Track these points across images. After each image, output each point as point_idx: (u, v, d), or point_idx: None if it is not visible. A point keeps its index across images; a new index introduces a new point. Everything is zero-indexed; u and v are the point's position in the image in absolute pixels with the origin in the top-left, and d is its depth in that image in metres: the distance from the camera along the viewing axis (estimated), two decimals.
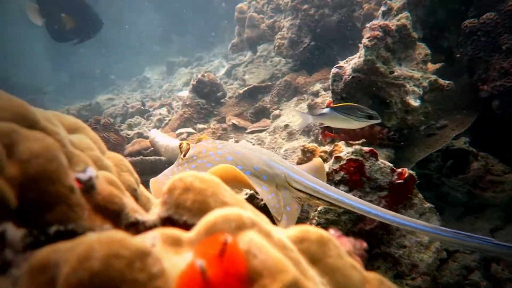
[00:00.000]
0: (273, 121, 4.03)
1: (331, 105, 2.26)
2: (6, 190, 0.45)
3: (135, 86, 11.74)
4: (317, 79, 4.11)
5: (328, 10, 4.01)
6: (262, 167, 1.59)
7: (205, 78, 4.34)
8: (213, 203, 0.55)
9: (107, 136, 3.72)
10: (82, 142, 0.76)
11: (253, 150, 1.71)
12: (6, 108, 0.62)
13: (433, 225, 1.28)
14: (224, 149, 1.67)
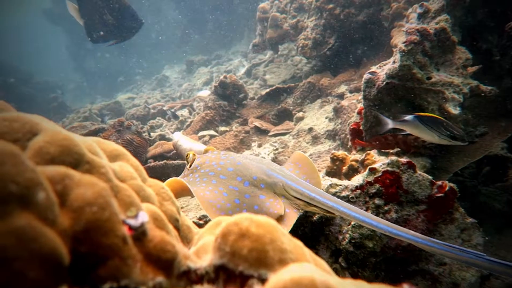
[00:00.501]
0: (296, 123, 3.96)
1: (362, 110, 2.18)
2: (59, 246, 0.41)
3: (155, 85, 11.86)
4: (342, 81, 4.01)
5: (354, 10, 3.89)
6: (260, 176, 1.65)
7: (227, 80, 4.31)
8: (272, 251, 0.51)
9: (130, 138, 3.74)
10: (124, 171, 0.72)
11: (253, 160, 1.77)
12: (53, 142, 0.59)
13: (425, 236, 1.24)
14: (226, 160, 1.74)
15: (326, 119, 3.57)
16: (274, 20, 4.71)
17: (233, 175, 1.64)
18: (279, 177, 1.65)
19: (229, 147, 3.79)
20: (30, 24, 35.11)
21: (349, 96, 3.74)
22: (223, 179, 1.64)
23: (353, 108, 3.15)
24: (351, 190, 1.69)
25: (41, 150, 0.57)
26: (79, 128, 4.38)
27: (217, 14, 15.53)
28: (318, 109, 3.97)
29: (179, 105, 5.39)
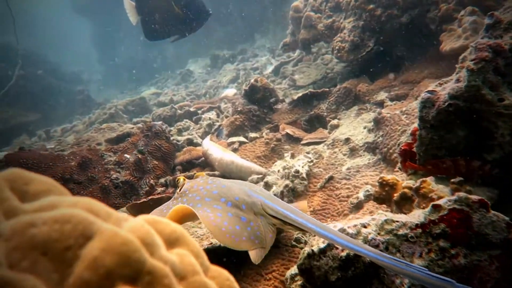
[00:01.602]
0: (330, 131, 3.77)
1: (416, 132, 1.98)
2: None
3: (179, 80, 11.85)
4: (381, 87, 3.78)
5: (397, 11, 3.64)
6: (242, 197, 1.76)
7: (258, 83, 4.16)
8: None
9: (158, 144, 3.66)
10: (185, 263, 0.59)
11: (237, 183, 1.89)
12: (109, 250, 0.47)
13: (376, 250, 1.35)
14: (212, 184, 1.85)
15: (365, 129, 3.36)
16: (308, 20, 4.50)
17: (217, 197, 1.76)
18: (259, 197, 1.78)
19: (259, 155, 3.65)
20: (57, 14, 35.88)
21: (389, 104, 3.52)
22: (208, 201, 1.76)
23: (396, 120, 2.94)
24: (410, 228, 1.52)
25: (96, 261, 0.46)
26: (107, 129, 4.35)
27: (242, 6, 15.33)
28: (355, 117, 3.76)
29: (206, 106, 5.29)
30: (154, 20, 3.99)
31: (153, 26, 4.07)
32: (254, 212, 1.72)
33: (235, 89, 7.19)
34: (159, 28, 4.03)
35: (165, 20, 3.95)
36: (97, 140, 3.85)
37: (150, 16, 3.95)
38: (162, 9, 3.86)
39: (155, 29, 4.09)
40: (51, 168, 3.11)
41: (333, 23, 4.34)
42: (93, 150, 3.47)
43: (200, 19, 3.95)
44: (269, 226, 1.75)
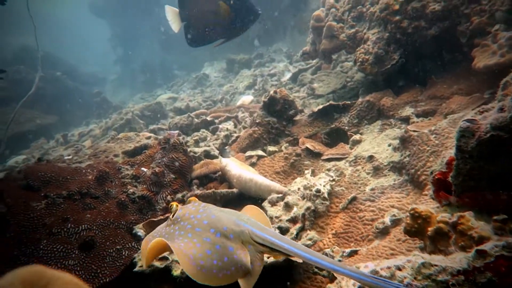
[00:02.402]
0: (352, 147, 3.65)
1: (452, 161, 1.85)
2: None
3: (195, 84, 11.86)
4: (406, 101, 3.64)
5: (425, 23, 3.50)
6: (230, 227, 1.82)
7: (277, 95, 4.07)
8: None
9: (175, 157, 3.61)
10: None
11: (226, 212, 1.95)
12: None
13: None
14: (203, 214, 1.92)
15: (390, 147, 3.23)
16: (329, 30, 4.38)
17: (207, 227, 1.83)
18: (246, 225, 1.83)
19: (278, 170, 3.56)
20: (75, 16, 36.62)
21: (415, 120, 3.38)
22: (198, 231, 1.82)
23: (424, 140, 2.80)
24: (452, 274, 1.41)
25: None
26: (124, 139, 4.33)
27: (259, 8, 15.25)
28: (378, 132, 3.63)
29: (223, 116, 5.22)
30: (200, 26, 3.81)
31: (198, 32, 3.88)
32: (242, 241, 1.79)
33: (251, 96, 7.12)
34: (205, 33, 3.84)
35: (212, 25, 3.75)
36: (114, 151, 3.83)
37: (196, 22, 3.78)
38: (210, 13, 3.68)
39: (200, 34, 3.90)
40: (68, 182, 3.09)
41: (356, 33, 4.21)
42: (110, 163, 3.44)
43: (248, 21, 3.69)
44: (257, 254, 1.81)
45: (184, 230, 1.83)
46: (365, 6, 4.29)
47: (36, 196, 2.91)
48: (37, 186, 2.98)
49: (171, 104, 9.31)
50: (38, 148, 7.58)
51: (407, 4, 3.61)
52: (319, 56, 4.88)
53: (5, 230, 2.52)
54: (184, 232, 1.82)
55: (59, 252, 2.58)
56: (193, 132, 5.21)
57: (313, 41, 4.92)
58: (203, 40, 3.91)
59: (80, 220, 2.80)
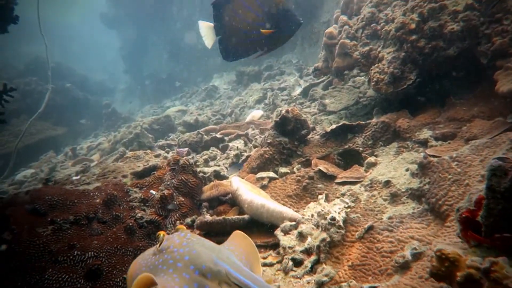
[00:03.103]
0: (367, 169, 3.54)
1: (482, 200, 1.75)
2: None
3: (204, 96, 11.88)
4: (424, 123, 3.53)
5: (443, 43, 3.41)
6: (208, 265, 1.86)
7: (289, 115, 4.00)
8: None
9: (185, 179, 3.55)
10: None
11: (208, 248, 1.98)
12: None
13: None
14: (185, 248, 1.96)
15: (407, 172, 3.12)
16: (342, 48, 4.32)
17: (187, 263, 1.88)
18: (224, 265, 1.87)
19: (291, 194, 3.47)
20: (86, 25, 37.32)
21: (434, 144, 3.27)
22: (179, 266, 1.88)
23: (445, 167, 2.69)
24: None
25: None
26: (133, 158, 4.29)
27: None
28: (394, 155, 3.53)
29: (233, 133, 5.17)
30: (237, 39, 3.55)
31: (235, 45, 3.62)
32: (219, 280, 1.84)
33: (261, 111, 7.07)
34: (242, 46, 3.59)
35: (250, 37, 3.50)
36: (123, 171, 3.79)
37: (233, 35, 3.52)
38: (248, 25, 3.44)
39: (237, 48, 3.64)
40: (75, 206, 3.04)
41: (370, 51, 4.14)
42: (118, 185, 3.39)
43: (290, 31, 3.38)
44: None
45: (167, 264, 1.91)
46: (379, 24, 4.22)
47: (43, 221, 2.86)
48: (43, 210, 2.94)
49: (180, 117, 9.32)
50: (46, 162, 7.61)
51: (423, 23, 3.53)
52: (332, 74, 4.82)
53: (10, 259, 2.47)
54: (166, 267, 1.90)
55: (64, 282, 2.51)
56: (202, 149, 5.16)
57: (326, 58, 4.86)
58: (240, 53, 3.66)
59: (86, 247, 2.74)
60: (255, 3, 3.28)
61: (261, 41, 3.40)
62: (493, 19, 3.21)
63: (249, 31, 3.46)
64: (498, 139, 2.58)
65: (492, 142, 2.60)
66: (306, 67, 9.57)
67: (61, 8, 37.53)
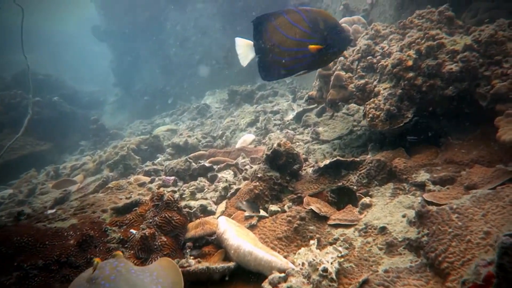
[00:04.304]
0: (361, 211, 3.40)
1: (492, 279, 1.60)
2: None
3: (195, 114, 11.74)
4: (421, 164, 3.42)
5: (441, 82, 3.33)
6: None
7: (281, 148, 3.86)
8: None
9: (169, 217, 3.36)
10: None
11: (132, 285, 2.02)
12: None
13: None
14: (111, 284, 1.99)
15: (404, 219, 2.98)
16: (337, 80, 4.23)
17: None
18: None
19: (281, 236, 3.30)
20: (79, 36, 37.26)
21: (432, 188, 3.14)
22: None
23: (445, 219, 2.56)
24: None
25: None
26: (115, 189, 4.10)
27: None
28: (390, 197, 3.40)
29: (222, 162, 5.01)
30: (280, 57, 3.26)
31: (276, 65, 3.30)
32: None
33: (253, 135, 6.94)
34: (285, 65, 3.27)
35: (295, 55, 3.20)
36: (103, 205, 3.58)
37: (274, 53, 3.24)
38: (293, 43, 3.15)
39: (279, 67, 3.31)
40: (46, 248, 2.82)
41: (365, 85, 4.05)
42: (96, 224, 3.18)
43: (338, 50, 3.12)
44: None
45: None
46: (375, 57, 4.16)
47: (8, 266, 2.64)
48: (10, 253, 2.71)
49: (170, 138, 9.13)
50: (26, 182, 7.32)
51: (421, 60, 3.46)
52: (326, 105, 4.71)
53: None
54: None
55: None
56: (190, 178, 4.98)
57: (320, 88, 4.77)
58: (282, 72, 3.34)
59: None
60: (301, 19, 3.04)
61: (307, 59, 3.11)
62: (493, 61, 3.15)
63: (294, 49, 3.09)
64: (501, 192, 2.46)
65: (494, 194, 2.48)
66: (300, 90, 9.53)
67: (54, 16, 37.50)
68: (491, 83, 3.08)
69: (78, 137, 13.42)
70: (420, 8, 4.33)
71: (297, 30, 3.01)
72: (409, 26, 4.22)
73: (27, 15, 11.07)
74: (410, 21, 4.24)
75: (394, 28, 4.43)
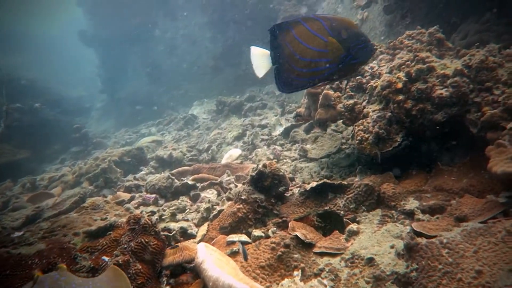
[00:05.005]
0: (348, 238, 3.28)
1: None
2: None
3: (182, 125, 11.57)
4: (410, 191, 3.33)
5: (431, 106, 3.27)
6: None
7: (266, 169, 3.73)
8: None
9: (145, 242, 3.18)
10: None
11: None
12: None
13: None
14: None
15: (393, 250, 2.87)
16: (326, 99, 4.15)
17: None
18: None
19: (263, 264, 3.15)
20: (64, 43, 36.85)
21: (421, 218, 3.05)
22: None
23: (435, 254, 2.46)
24: None
25: None
26: (90, 209, 3.90)
27: None
28: (378, 224, 3.29)
29: (206, 179, 4.85)
30: (299, 68, 3.08)
31: (295, 76, 3.11)
32: None
33: (239, 150, 6.81)
34: (304, 76, 3.08)
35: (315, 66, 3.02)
36: (75, 227, 3.39)
37: (293, 64, 3.05)
38: (314, 53, 2.96)
39: (298, 78, 3.12)
40: (7, 279, 2.61)
41: (354, 105, 3.97)
42: (65, 250, 2.98)
43: (362, 58, 2.91)
44: None
45: None
46: (364, 77, 4.09)
47: None
48: None
49: (154, 149, 8.93)
50: (1, 194, 7.02)
51: (411, 83, 3.40)
52: (314, 123, 4.62)
53: None
54: None
55: None
56: (172, 195, 4.80)
57: (308, 107, 4.68)
58: (301, 84, 3.15)
59: None
60: (321, 28, 2.85)
61: (327, 70, 2.93)
62: (483, 87, 3.10)
63: (314, 60, 2.92)
64: (492, 227, 2.37)
65: (486, 229, 2.39)
66: (289, 103, 9.46)
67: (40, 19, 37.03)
68: (481, 110, 3.02)
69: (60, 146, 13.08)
70: (410, 26, 4.32)
71: (317, 39, 2.85)
72: (399, 46, 4.18)
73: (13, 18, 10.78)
74: (400, 41, 4.20)
75: (384, 47, 4.39)
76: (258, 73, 3.05)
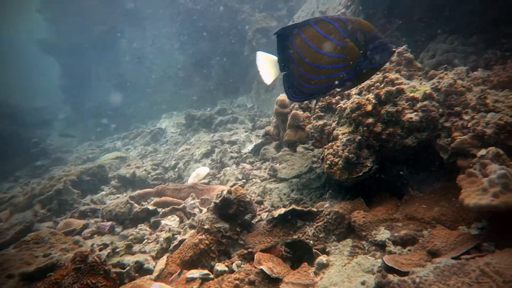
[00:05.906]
0: (318, 271, 3.10)
1: None
2: None
3: (149, 139, 11.19)
4: (381, 219, 3.21)
5: (400, 130, 3.18)
6: None
7: (231, 196, 3.53)
8: None
9: (92, 284, 2.87)
10: None
11: None
12: None
13: None
14: None
15: (363, 286, 2.72)
16: (294, 120, 4.01)
17: None
18: None
19: None
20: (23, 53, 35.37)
21: (392, 250, 2.92)
22: None
23: None
24: None
25: None
26: (33, 243, 3.53)
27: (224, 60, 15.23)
28: (349, 256, 3.14)
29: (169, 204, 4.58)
30: (310, 75, 2.85)
31: (305, 83, 2.88)
32: None
33: (208, 168, 6.57)
34: (316, 84, 2.84)
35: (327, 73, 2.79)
36: (11, 267, 3.02)
37: (305, 70, 2.83)
38: (326, 58, 2.73)
39: (309, 86, 2.89)
40: None
41: (324, 126, 3.85)
42: None
43: (379, 63, 2.69)
44: None
45: None
46: (334, 97, 3.99)
47: None
48: None
49: (118, 165, 8.52)
50: None
51: (380, 105, 3.31)
52: (283, 144, 4.48)
53: None
54: None
55: None
56: (131, 222, 4.49)
57: (277, 126, 4.54)
58: (312, 92, 2.92)
59: None
60: (334, 30, 2.63)
61: (341, 77, 2.69)
62: (453, 111, 3.04)
63: (326, 66, 2.70)
64: (466, 265, 2.27)
65: (459, 267, 2.28)
66: (260, 118, 9.33)
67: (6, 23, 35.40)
68: (451, 135, 2.96)
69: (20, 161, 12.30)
70: None
71: (330, 43, 2.63)
72: None
73: None
74: None
75: None
76: (266, 80, 2.75)
